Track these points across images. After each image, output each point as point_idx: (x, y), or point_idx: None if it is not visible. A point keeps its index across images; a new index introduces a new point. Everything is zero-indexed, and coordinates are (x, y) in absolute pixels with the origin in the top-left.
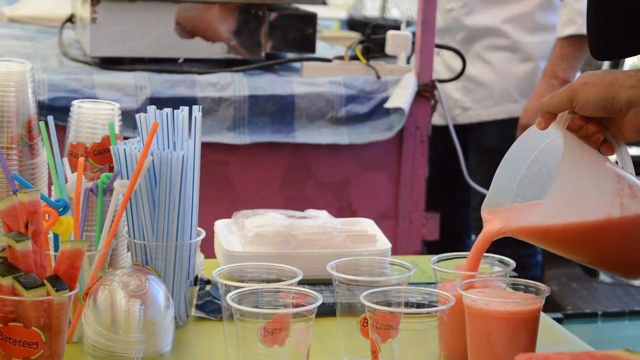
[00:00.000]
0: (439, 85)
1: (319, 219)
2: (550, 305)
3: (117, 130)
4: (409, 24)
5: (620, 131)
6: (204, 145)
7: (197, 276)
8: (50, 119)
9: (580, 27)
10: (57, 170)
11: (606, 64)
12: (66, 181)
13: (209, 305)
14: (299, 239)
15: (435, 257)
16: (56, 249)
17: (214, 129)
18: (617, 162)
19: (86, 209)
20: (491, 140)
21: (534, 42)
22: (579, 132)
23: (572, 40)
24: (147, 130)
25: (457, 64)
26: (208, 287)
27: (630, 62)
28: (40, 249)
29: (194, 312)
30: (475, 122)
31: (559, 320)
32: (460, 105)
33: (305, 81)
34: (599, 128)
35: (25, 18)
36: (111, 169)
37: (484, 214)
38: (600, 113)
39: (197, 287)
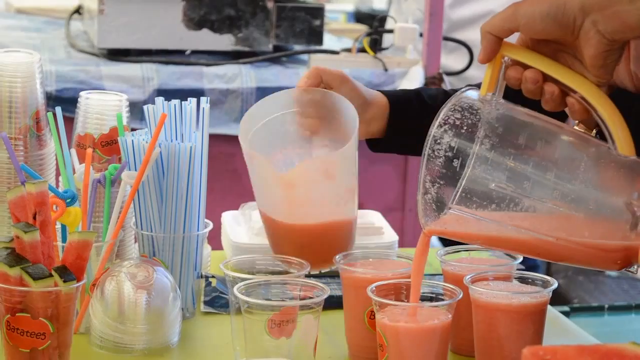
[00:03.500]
0: (446, 78)
1: None
2: (557, 299)
3: (124, 121)
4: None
5: (580, 65)
6: (211, 137)
7: (200, 274)
8: (58, 110)
9: None
10: (64, 161)
11: None
12: (74, 172)
13: (217, 300)
14: None
15: (442, 250)
16: (64, 239)
17: (221, 121)
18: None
19: (94, 200)
20: None
21: None
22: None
23: None
24: (155, 121)
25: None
26: (214, 282)
27: None
28: (48, 240)
29: (202, 308)
30: None
31: (565, 314)
32: None
33: None
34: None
35: (33, 9)
36: (119, 160)
37: None
38: (550, 28)
39: (204, 285)
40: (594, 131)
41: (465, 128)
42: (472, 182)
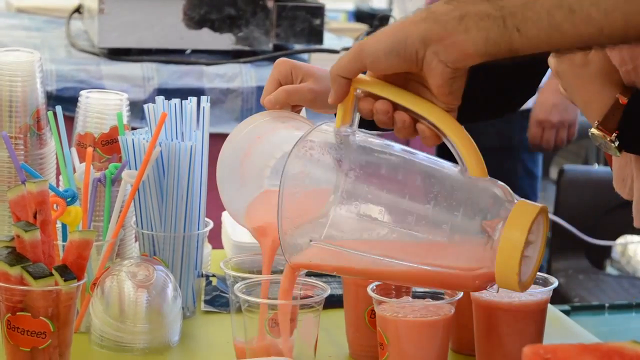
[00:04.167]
0: None
1: None
2: (557, 297)
3: (125, 120)
4: None
5: (429, 92)
6: (212, 136)
7: (201, 273)
8: (58, 109)
9: None
10: (65, 160)
11: None
12: (74, 171)
13: (218, 299)
14: None
15: None
16: (64, 239)
17: (221, 120)
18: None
19: (94, 199)
20: (490, 139)
21: None
22: (377, 118)
23: None
24: (155, 120)
25: None
26: (214, 281)
27: None
28: (49, 239)
29: (203, 307)
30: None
31: (566, 312)
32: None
33: None
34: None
35: (33, 8)
36: (119, 160)
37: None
38: (395, 63)
39: (204, 284)
40: (614, 134)
41: (320, 163)
42: (338, 216)
